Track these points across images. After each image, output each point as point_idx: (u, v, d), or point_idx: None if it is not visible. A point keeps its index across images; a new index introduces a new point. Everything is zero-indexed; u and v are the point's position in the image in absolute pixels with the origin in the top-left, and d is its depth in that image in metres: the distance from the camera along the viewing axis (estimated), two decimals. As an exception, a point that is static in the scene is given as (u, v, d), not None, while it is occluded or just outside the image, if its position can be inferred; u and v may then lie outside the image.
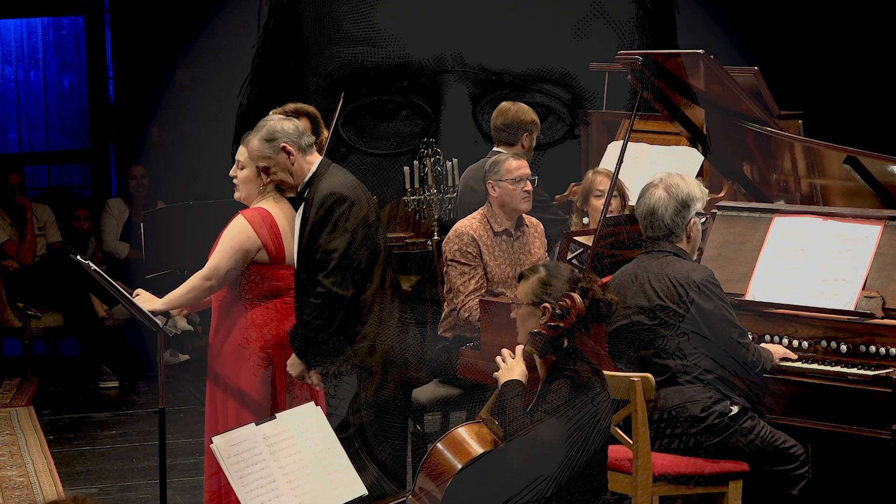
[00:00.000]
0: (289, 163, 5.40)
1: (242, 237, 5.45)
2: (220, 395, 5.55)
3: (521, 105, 6.75)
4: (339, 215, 5.32)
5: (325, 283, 5.27)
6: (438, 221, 7.08)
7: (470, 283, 6.16)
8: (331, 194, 5.33)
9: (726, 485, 5.14)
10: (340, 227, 5.31)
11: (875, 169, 5.81)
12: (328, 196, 5.33)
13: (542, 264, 4.76)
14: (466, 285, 6.16)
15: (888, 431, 5.10)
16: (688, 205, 5.30)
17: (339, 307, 5.30)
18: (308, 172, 5.43)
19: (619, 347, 5.27)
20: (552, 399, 4.46)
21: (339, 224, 5.32)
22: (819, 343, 5.39)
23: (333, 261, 5.29)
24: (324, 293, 5.28)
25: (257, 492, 4.53)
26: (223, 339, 5.53)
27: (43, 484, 6.97)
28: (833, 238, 5.54)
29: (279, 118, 5.47)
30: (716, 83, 5.94)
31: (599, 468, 4.52)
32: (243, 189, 5.58)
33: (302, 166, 5.42)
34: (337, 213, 5.32)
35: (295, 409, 4.91)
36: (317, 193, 5.36)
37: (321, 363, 5.37)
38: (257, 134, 5.42)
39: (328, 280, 5.28)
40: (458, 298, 6.17)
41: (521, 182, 6.20)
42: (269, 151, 5.40)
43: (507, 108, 6.73)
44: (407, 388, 5.65)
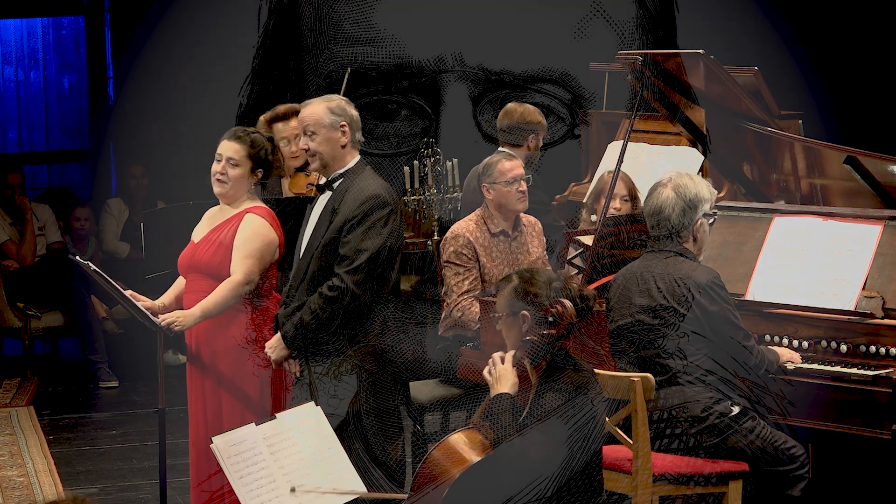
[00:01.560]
0: (339, 144, 5.44)
1: (270, 237, 5.48)
2: (209, 391, 5.54)
3: (528, 106, 6.75)
4: (379, 218, 5.35)
5: (346, 278, 5.29)
6: (438, 221, 7.08)
7: (463, 284, 6.17)
8: (375, 196, 5.37)
9: (726, 485, 5.14)
10: (377, 229, 5.33)
11: (875, 169, 5.81)
12: (372, 197, 5.36)
13: (514, 272, 4.74)
14: (460, 286, 6.17)
15: (888, 431, 5.10)
16: (695, 205, 5.29)
17: (350, 306, 5.30)
18: (346, 165, 5.46)
19: (621, 346, 5.27)
20: (545, 404, 4.46)
21: (376, 226, 5.34)
22: (819, 343, 5.39)
23: (361, 260, 5.30)
24: (341, 288, 5.29)
25: (257, 492, 4.53)
26: (223, 339, 5.53)
27: (43, 484, 6.97)
28: (833, 238, 5.54)
29: (347, 100, 5.54)
30: (716, 83, 5.94)
31: (596, 470, 4.52)
32: (233, 187, 5.56)
33: (345, 156, 5.46)
34: (377, 216, 5.35)
35: (295, 409, 4.91)
36: (355, 190, 5.39)
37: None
38: (325, 102, 5.46)
39: (350, 277, 5.29)
40: (451, 298, 6.18)
41: (516, 183, 6.20)
42: (330, 121, 5.42)
43: (513, 109, 6.73)
44: (405, 389, 5.65)
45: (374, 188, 5.41)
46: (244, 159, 5.53)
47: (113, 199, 10.53)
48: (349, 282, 5.30)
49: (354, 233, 5.34)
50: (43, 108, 11.94)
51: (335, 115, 5.44)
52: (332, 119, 5.43)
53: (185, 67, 11.07)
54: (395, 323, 5.48)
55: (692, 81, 5.91)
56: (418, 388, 6.26)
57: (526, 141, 6.71)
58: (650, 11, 6.99)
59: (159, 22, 10.90)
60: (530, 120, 6.71)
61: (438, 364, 6.22)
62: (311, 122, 5.45)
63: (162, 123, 11.24)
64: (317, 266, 5.39)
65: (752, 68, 6.94)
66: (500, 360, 4.60)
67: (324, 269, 5.36)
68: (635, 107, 5.90)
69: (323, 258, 5.39)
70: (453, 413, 6.40)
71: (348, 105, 5.50)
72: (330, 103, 5.47)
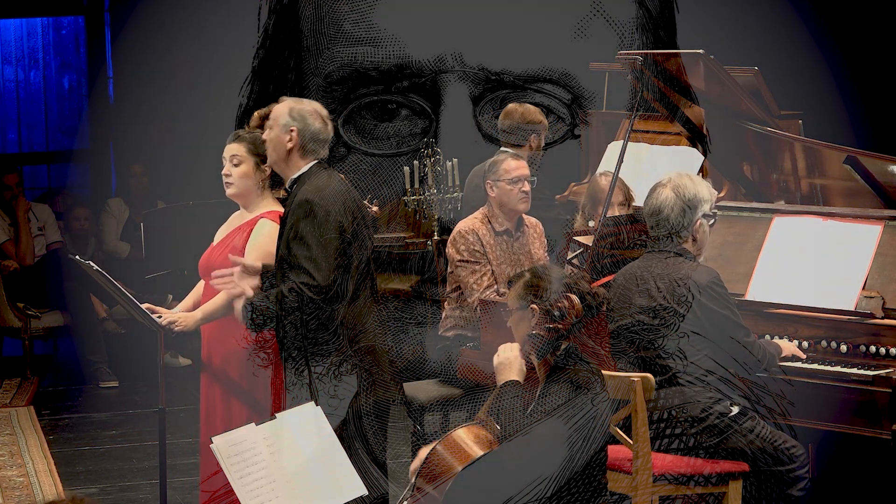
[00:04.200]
0: (284, 147, 5.22)
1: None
2: (219, 395, 5.55)
3: (528, 106, 6.75)
4: (310, 225, 5.11)
5: (302, 287, 5.09)
6: (438, 221, 7.08)
7: (483, 280, 6.16)
8: (305, 202, 5.14)
9: (726, 485, 5.14)
10: (312, 235, 5.11)
11: (875, 169, 5.81)
12: (302, 203, 5.14)
13: (526, 269, 4.76)
14: (480, 282, 6.16)
15: (888, 431, 5.10)
16: (695, 206, 5.29)
17: (314, 313, 5.17)
18: (299, 170, 5.25)
19: (621, 346, 5.27)
20: (551, 400, 4.47)
21: (310, 232, 5.11)
22: (819, 343, 5.39)
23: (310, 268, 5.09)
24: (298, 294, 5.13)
25: (257, 492, 4.53)
26: (223, 340, 5.53)
27: (43, 484, 6.97)
28: (833, 238, 5.54)
29: (320, 106, 5.32)
30: (716, 83, 5.94)
31: (599, 468, 4.52)
32: (240, 185, 5.53)
33: (296, 161, 5.24)
34: (309, 223, 5.12)
35: (295, 409, 4.90)
36: (295, 199, 5.20)
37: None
38: (293, 103, 5.25)
39: (305, 286, 5.13)
40: (474, 297, 6.16)
41: (519, 182, 6.21)
42: (283, 122, 5.22)
43: (513, 109, 6.73)
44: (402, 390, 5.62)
45: (306, 194, 5.17)
46: (246, 155, 5.52)
47: (113, 198, 10.54)
48: (305, 289, 5.08)
49: (296, 242, 5.13)
50: (43, 108, 11.95)
51: (290, 117, 5.21)
52: (286, 121, 5.21)
53: (184, 67, 11.07)
54: (395, 323, 5.46)
55: (692, 81, 5.92)
56: (418, 388, 6.26)
57: (528, 141, 6.72)
58: (650, 11, 6.99)
59: (159, 22, 10.91)
60: (531, 119, 6.71)
61: (438, 364, 6.22)
62: (272, 115, 5.30)
63: (162, 123, 11.25)
64: (280, 279, 5.25)
65: (752, 68, 6.94)
66: (508, 346, 4.63)
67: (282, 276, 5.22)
68: (635, 107, 5.91)
69: (282, 271, 5.25)
70: (453, 413, 6.40)
71: (314, 116, 5.25)
72: (296, 105, 5.25)
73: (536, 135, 6.72)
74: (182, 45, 10.79)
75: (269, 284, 5.22)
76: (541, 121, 6.73)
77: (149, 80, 11.17)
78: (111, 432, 8.15)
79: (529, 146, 6.70)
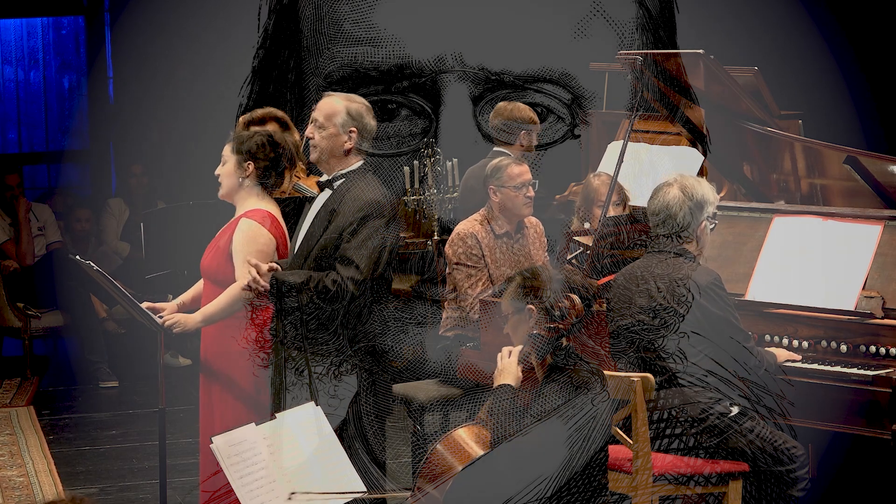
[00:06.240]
0: (342, 147, 5.38)
1: (263, 240, 5.44)
2: (218, 395, 5.55)
3: (518, 104, 6.75)
4: (377, 224, 5.30)
5: (347, 281, 5.23)
6: (438, 221, 7.08)
7: (477, 286, 6.16)
8: (374, 202, 5.32)
9: (726, 485, 5.14)
10: (376, 235, 5.29)
11: (875, 169, 5.81)
12: (371, 203, 5.31)
13: (517, 272, 4.76)
14: (473, 288, 6.16)
15: (888, 431, 5.10)
16: (701, 206, 5.30)
17: (350, 306, 5.27)
18: (349, 166, 5.41)
19: (621, 346, 5.27)
20: (551, 400, 4.47)
21: (375, 232, 5.29)
22: (819, 343, 5.39)
23: (361, 264, 5.25)
24: (341, 286, 5.24)
25: (257, 492, 4.53)
26: (223, 340, 5.53)
27: (43, 484, 6.97)
28: (833, 238, 5.54)
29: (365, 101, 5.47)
30: (716, 83, 5.94)
31: (600, 468, 4.52)
32: (225, 184, 5.57)
33: (347, 158, 5.41)
34: (375, 222, 5.30)
35: (295, 409, 4.90)
36: (354, 193, 5.34)
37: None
38: (347, 102, 5.40)
39: (350, 280, 5.23)
40: (466, 301, 6.17)
41: (524, 188, 6.21)
42: (342, 121, 5.37)
43: (503, 107, 6.73)
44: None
45: (373, 194, 5.38)
46: (229, 154, 5.55)
47: (113, 198, 10.54)
48: (349, 284, 5.27)
49: (355, 238, 5.30)
50: (43, 108, 11.95)
51: (349, 117, 5.39)
52: (344, 120, 5.39)
53: (184, 67, 11.07)
54: (395, 323, 5.47)
55: (692, 81, 5.91)
56: (418, 388, 6.26)
57: (518, 138, 6.71)
58: (650, 11, 6.98)
59: (159, 22, 10.91)
60: (519, 117, 6.71)
61: (438, 364, 6.22)
62: (323, 115, 5.42)
63: (162, 123, 11.25)
64: (312, 266, 5.36)
65: (752, 68, 6.95)
66: (507, 353, 4.63)
67: (320, 270, 5.33)
68: (635, 107, 5.91)
69: (320, 259, 5.35)
70: (453, 413, 6.39)
71: (368, 112, 5.45)
72: (351, 105, 5.42)
73: (527, 133, 6.72)
74: (182, 45, 10.79)
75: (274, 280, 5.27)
76: (530, 118, 6.73)
77: (149, 80, 11.17)
78: (111, 432, 8.15)
79: (520, 144, 6.70)
